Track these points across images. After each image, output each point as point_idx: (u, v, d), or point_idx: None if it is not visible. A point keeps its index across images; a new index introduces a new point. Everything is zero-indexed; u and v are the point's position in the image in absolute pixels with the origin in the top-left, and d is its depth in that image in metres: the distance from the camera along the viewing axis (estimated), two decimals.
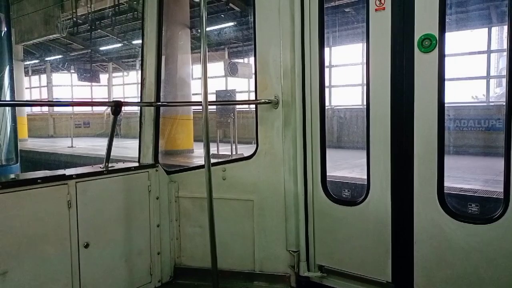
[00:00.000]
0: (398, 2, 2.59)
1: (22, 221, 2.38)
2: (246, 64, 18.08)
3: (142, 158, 3.33)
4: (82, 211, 2.66)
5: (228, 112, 11.53)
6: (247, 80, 18.44)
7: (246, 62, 19.17)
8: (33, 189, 2.42)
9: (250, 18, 13.45)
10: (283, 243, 3.15)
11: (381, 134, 2.72)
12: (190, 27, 13.08)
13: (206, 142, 2.48)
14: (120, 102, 2.82)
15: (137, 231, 3.06)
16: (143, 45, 3.32)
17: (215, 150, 11.34)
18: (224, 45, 19.76)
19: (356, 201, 2.89)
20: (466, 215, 2.57)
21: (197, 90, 19.33)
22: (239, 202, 3.23)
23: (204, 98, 2.43)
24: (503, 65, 14.08)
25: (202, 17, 2.39)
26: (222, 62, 16.76)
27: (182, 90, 11.85)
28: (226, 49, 20.35)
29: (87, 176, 2.73)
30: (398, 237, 2.72)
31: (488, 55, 13.24)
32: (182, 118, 11.92)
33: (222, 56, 19.90)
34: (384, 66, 2.67)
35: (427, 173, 2.56)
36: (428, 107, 2.53)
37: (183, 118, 12.08)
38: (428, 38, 2.48)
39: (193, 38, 13.37)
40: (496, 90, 14.78)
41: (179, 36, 11.80)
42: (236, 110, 12.02)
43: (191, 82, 13.13)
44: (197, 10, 14.36)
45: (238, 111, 12.78)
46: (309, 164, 3.06)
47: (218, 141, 11.59)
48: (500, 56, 14.54)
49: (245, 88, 19.91)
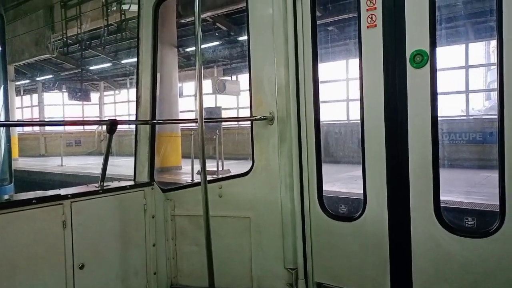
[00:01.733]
0: (389, 19, 2.65)
1: (17, 242, 2.35)
2: (234, 81, 18.93)
3: (138, 177, 3.31)
4: (77, 231, 2.63)
5: (214, 129, 11.62)
6: (236, 97, 18.80)
7: (234, 79, 19.77)
8: (28, 209, 2.40)
9: (237, 36, 13.78)
10: (280, 260, 3.12)
11: (376, 149, 2.73)
12: (177, 46, 13.50)
13: (202, 159, 2.47)
14: (115, 120, 2.82)
15: (133, 251, 3.02)
16: (138, 64, 3.35)
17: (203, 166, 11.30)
18: (212, 63, 20.23)
19: (353, 216, 2.88)
20: (463, 229, 2.58)
21: (185, 108, 19.92)
22: (236, 219, 3.20)
23: (200, 115, 2.44)
24: (491, 79, 14.35)
25: (197, 36, 2.42)
26: (210, 80, 17.16)
27: (170, 108, 12.06)
28: (215, 67, 20.76)
29: (82, 195, 2.71)
30: (396, 252, 2.71)
31: (466, 70, 13.53)
32: (170, 135, 12.08)
33: (211, 73, 20.18)
34: (377, 82, 2.70)
35: (423, 187, 2.57)
36: (421, 122, 2.55)
37: (171, 135, 12.25)
38: (420, 54, 2.53)
39: (180, 57, 13.81)
40: (485, 104, 15.03)
41: (167, 55, 12.14)
42: (222, 127, 12.26)
43: (178, 100, 13.51)
44: (183, 29, 15.24)
45: (224, 128, 13.06)
46: (305, 180, 3.06)
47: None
48: (488, 70, 14.81)
49: (237, 104, 20.21)
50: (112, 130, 2.78)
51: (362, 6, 2.72)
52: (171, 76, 12.48)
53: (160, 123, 4.10)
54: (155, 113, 3.40)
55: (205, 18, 13.96)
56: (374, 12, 2.68)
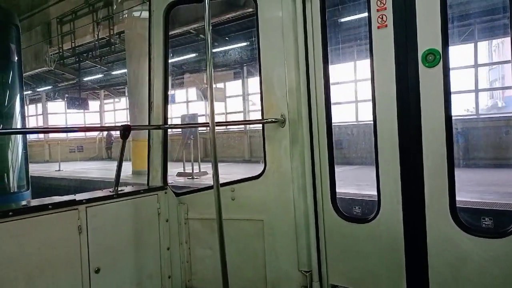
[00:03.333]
0: (400, 19, 2.63)
1: (34, 247, 2.38)
2: (219, 88, 20.39)
3: (151, 181, 3.33)
4: (92, 236, 2.66)
5: (190, 134, 13.42)
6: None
7: (220, 86, 21.39)
8: (44, 215, 2.43)
9: (221, 47, 14.93)
10: (294, 263, 3.11)
11: (389, 149, 2.71)
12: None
13: (214, 162, 2.47)
14: (128, 126, 2.85)
15: (147, 254, 3.04)
16: (150, 70, 3.38)
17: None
18: (197, 72, 21.34)
19: (368, 218, 2.86)
20: (480, 229, 2.55)
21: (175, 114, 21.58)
22: (249, 222, 3.20)
23: (212, 119, 2.45)
24: (494, 77, 14.29)
25: (207, 41, 2.42)
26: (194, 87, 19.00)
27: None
28: (204, 75, 21.60)
29: (97, 200, 2.74)
30: (412, 253, 2.68)
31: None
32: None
33: (201, 81, 20.94)
34: (389, 82, 2.69)
35: (438, 187, 2.55)
36: (435, 121, 2.53)
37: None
38: (432, 53, 2.51)
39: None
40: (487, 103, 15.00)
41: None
42: (198, 131, 14.03)
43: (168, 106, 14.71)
44: (172, 40, 15.95)
45: (200, 133, 14.48)
46: (318, 181, 3.05)
47: (184, 161, 13.28)
48: (490, 69, 14.76)
49: (225, 110, 21.96)
50: (125, 135, 2.81)
51: (372, 7, 2.72)
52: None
53: (173, 127, 4.12)
54: (167, 118, 3.42)
55: (189, 30, 15.25)
56: (384, 13, 2.68)
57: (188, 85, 22.25)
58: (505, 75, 14.15)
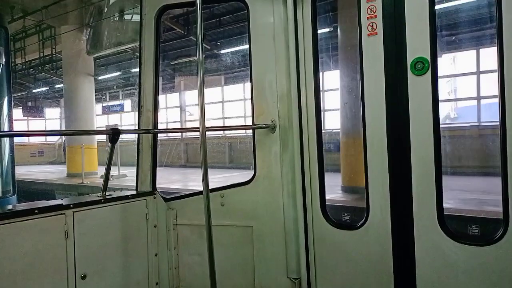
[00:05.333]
0: (390, 27, 2.66)
1: (19, 252, 2.34)
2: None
3: (140, 186, 3.30)
4: (79, 241, 2.62)
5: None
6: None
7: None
8: (30, 219, 2.39)
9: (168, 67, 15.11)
10: (283, 270, 3.10)
11: (378, 157, 2.73)
12: (94, 75, 17.64)
13: (204, 168, 2.44)
14: (118, 130, 2.82)
15: (135, 260, 3.00)
16: (140, 74, 3.36)
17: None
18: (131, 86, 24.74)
19: (356, 225, 2.87)
20: (466, 237, 2.57)
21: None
22: (238, 228, 3.19)
23: (202, 124, 2.43)
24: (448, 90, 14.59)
25: (198, 46, 2.41)
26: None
27: (86, 126, 16.03)
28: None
29: (84, 205, 2.70)
30: (400, 261, 2.69)
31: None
32: (87, 147, 15.24)
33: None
34: (378, 90, 2.71)
35: (425, 195, 2.56)
36: (423, 129, 2.55)
37: (89, 147, 15.59)
38: (421, 61, 2.54)
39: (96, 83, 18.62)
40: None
41: (84, 83, 16.51)
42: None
43: (94, 118, 17.80)
44: (99, 61, 19.08)
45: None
46: (307, 188, 3.05)
47: (119, 164, 14.65)
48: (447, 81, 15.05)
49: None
50: (114, 139, 2.79)
51: (363, 14, 2.74)
52: (87, 100, 16.50)
53: (162, 131, 4.10)
54: (157, 122, 3.39)
55: (126, 50, 16.96)
56: (374, 20, 2.70)
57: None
58: (457, 88, 14.80)
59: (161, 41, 3.40)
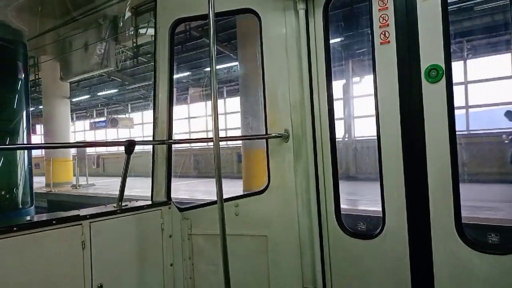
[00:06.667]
0: (403, 35, 2.66)
1: (37, 262, 2.37)
2: (127, 118, 26.49)
3: (155, 196, 3.33)
4: (95, 251, 2.64)
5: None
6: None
7: (128, 116, 27.28)
8: (48, 230, 2.42)
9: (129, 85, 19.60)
10: (299, 280, 3.07)
11: (394, 165, 2.71)
12: (69, 97, 19.96)
13: (218, 177, 2.45)
14: (133, 141, 2.86)
15: (150, 270, 3.02)
16: (155, 86, 3.41)
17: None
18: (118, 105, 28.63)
19: (372, 234, 2.84)
20: (485, 245, 2.52)
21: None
22: (252, 238, 3.18)
23: (215, 134, 2.45)
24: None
25: (211, 58, 2.44)
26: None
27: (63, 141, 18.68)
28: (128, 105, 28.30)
29: (100, 216, 2.74)
30: (417, 271, 2.64)
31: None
32: (63, 160, 18.23)
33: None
34: (392, 98, 2.70)
35: (443, 203, 2.53)
36: (439, 136, 2.53)
37: (65, 160, 18.51)
38: (435, 69, 2.52)
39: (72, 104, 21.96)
40: None
41: (60, 105, 19.02)
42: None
43: (70, 134, 20.29)
44: (75, 85, 21.89)
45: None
46: (322, 197, 3.03)
47: (87, 174, 17.33)
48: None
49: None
50: (129, 151, 2.82)
51: (375, 23, 2.75)
52: (63, 118, 19.12)
53: (177, 142, 4.14)
54: (172, 133, 3.43)
55: (102, 74, 19.13)
56: (387, 29, 2.70)
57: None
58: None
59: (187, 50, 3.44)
